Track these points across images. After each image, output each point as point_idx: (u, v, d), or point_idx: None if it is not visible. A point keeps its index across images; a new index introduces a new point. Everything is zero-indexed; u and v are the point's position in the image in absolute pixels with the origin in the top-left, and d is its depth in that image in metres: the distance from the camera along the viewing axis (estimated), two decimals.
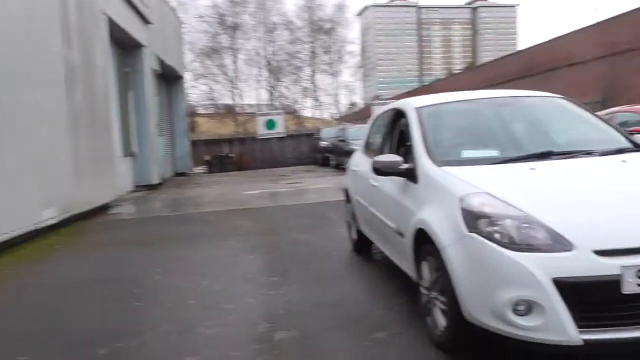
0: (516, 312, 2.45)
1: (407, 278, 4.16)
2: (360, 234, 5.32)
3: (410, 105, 4.14)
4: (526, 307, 2.44)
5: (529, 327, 2.43)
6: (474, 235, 2.64)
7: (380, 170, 3.67)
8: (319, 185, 13.26)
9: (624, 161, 3.19)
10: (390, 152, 4.48)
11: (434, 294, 3.07)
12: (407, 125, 4.37)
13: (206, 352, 3.24)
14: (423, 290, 3.26)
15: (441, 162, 3.32)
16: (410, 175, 3.50)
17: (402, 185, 3.64)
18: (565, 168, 3.16)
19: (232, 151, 26.18)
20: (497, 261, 2.52)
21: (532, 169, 3.08)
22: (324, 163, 20.15)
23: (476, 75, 42.48)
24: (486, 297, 2.56)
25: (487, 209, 2.68)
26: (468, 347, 2.94)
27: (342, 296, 4.15)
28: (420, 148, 3.55)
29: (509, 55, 41.01)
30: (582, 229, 2.46)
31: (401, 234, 3.60)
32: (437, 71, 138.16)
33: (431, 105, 4.11)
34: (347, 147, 16.37)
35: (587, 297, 2.38)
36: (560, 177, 3.03)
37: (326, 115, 40.53)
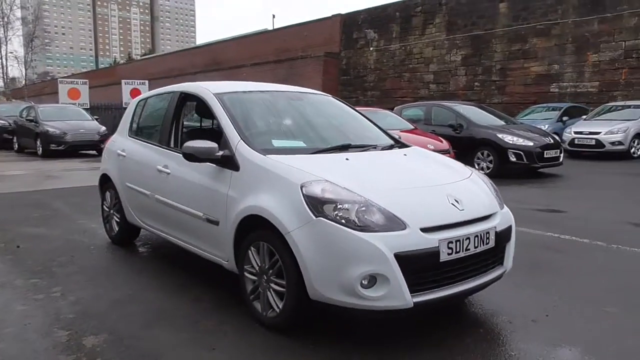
0: (362, 285, 2.78)
1: (191, 268, 4.18)
2: (125, 225, 4.92)
3: (207, 90, 4.06)
4: (370, 280, 2.79)
5: (374, 297, 2.79)
6: (322, 219, 2.85)
7: (194, 156, 3.52)
8: (15, 172, 11.29)
9: (405, 155, 3.86)
10: (176, 138, 4.33)
11: (266, 278, 3.16)
12: (199, 111, 4.33)
13: None
14: (249, 276, 3.30)
15: (262, 151, 3.41)
16: (228, 162, 3.48)
17: (213, 172, 3.58)
18: (370, 159, 3.66)
19: None
20: (346, 241, 2.79)
21: (347, 159, 3.46)
22: (3, 146, 17.09)
23: (164, 62, 42.36)
24: (336, 274, 2.81)
25: (329, 195, 2.92)
26: (304, 325, 3.14)
27: (134, 292, 3.81)
28: (235, 136, 3.55)
29: (197, 47, 42.24)
30: (410, 211, 2.94)
31: (214, 222, 3.54)
32: (116, 53, 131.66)
33: (231, 92, 4.11)
34: (40, 129, 14.43)
35: (417, 267, 2.87)
36: (371, 166, 3.48)
37: None
